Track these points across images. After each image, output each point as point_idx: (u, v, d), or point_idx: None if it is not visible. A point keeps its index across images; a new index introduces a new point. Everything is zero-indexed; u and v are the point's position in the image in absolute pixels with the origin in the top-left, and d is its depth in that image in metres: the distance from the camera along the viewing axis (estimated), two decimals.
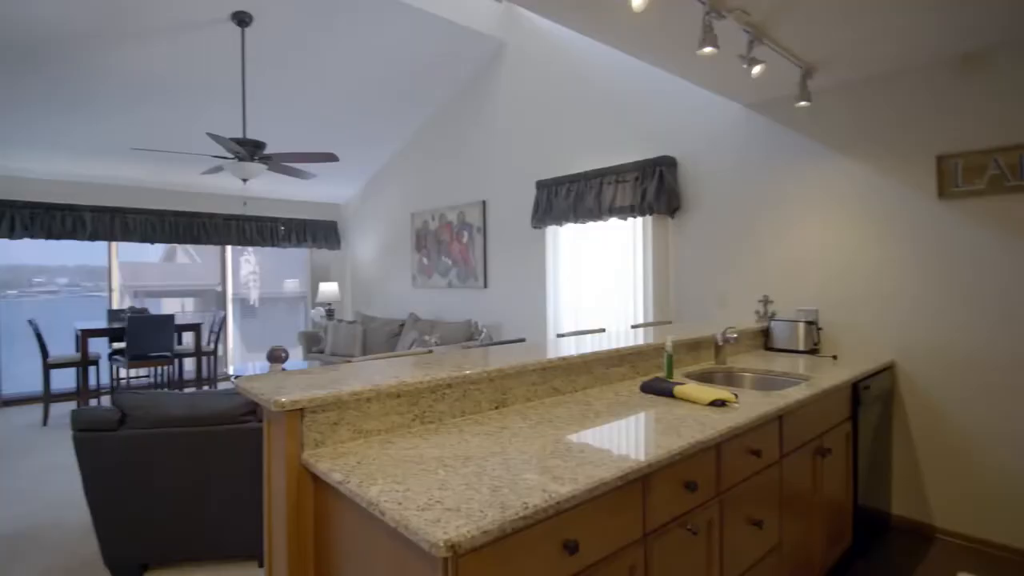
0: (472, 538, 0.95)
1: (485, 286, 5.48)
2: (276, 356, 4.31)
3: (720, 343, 2.72)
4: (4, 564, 2.54)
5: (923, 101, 2.82)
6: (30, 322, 5.18)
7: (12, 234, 5.75)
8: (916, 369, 2.86)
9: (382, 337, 6.06)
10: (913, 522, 2.87)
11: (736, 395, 1.92)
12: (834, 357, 2.91)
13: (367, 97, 5.44)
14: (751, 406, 1.84)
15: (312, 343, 6.56)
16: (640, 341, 2.43)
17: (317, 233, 7.85)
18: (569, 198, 4.40)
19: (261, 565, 2.45)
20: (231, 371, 5.16)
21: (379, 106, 5.68)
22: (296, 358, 6.70)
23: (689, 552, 1.49)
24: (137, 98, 4.76)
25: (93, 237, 6.21)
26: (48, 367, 5.08)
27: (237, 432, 2.33)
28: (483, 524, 0.97)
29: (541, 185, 4.67)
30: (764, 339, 3.24)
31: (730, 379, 2.62)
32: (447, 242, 5.94)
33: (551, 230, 4.71)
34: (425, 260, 6.27)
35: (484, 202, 5.47)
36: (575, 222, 4.38)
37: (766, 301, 3.38)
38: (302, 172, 4.44)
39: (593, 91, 4.39)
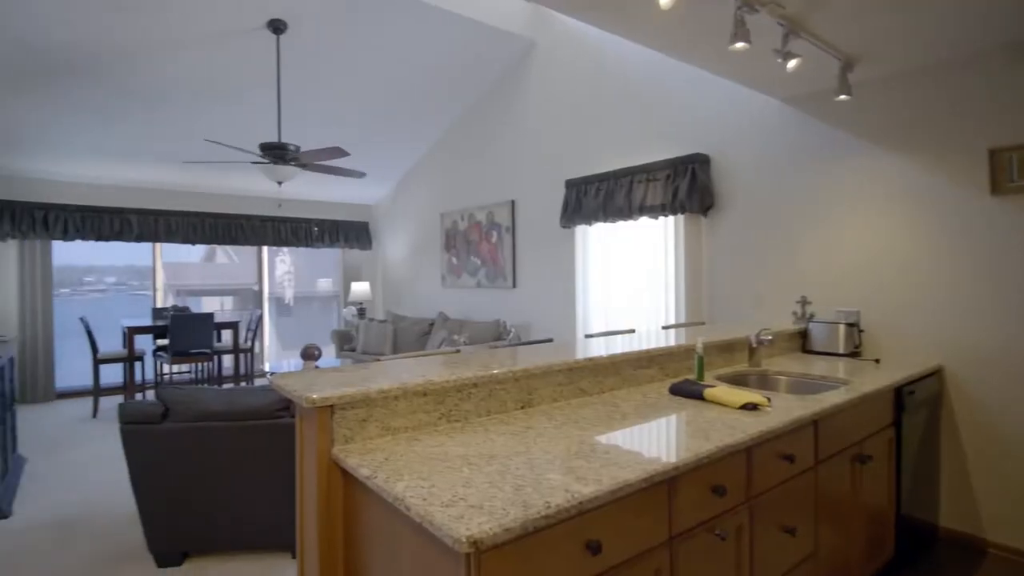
0: (494, 535, 0.97)
1: (514, 286, 5.50)
2: (309, 354, 4.43)
3: (754, 345, 2.67)
4: (56, 549, 2.69)
5: (974, 92, 2.70)
6: (81, 319, 5.47)
7: (65, 236, 6.08)
8: (967, 374, 2.74)
9: (412, 336, 6.16)
10: (963, 535, 2.75)
11: (769, 399, 1.88)
12: (876, 360, 2.82)
13: (397, 99, 5.54)
14: (785, 410, 1.81)
15: (344, 341, 6.71)
16: (671, 342, 2.41)
17: (349, 233, 8.02)
18: (599, 197, 4.38)
19: (294, 556, 2.53)
20: (267, 368, 5.32)
21: (409, 107, 5.76)
22: (329, 356, 6.86)
23: (717, 557, 1.47)
24: (179, 105, 4.96)
25: (139, 238, 6.51)
26: (98, 362, 5.35)
27: (272, 427, 2.41)
28: (505, 522, 0.99)
29: (570, 184, 4.66)
30: (802, 341, 3.16)
31: (764, 382, 2.57)
32: (476, 242, 5.99)
33: (580, 229, 4.70)
34: (454, 260, 6.33)
35: (513, 202, 5.49)
36: (605, 221, 4.36)
37: (804, 302, 3.30)
38: (342, 170, 4.54)
39: (624, 89, 4.36)
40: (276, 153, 4.04)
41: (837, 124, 3.17)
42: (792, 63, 2.55)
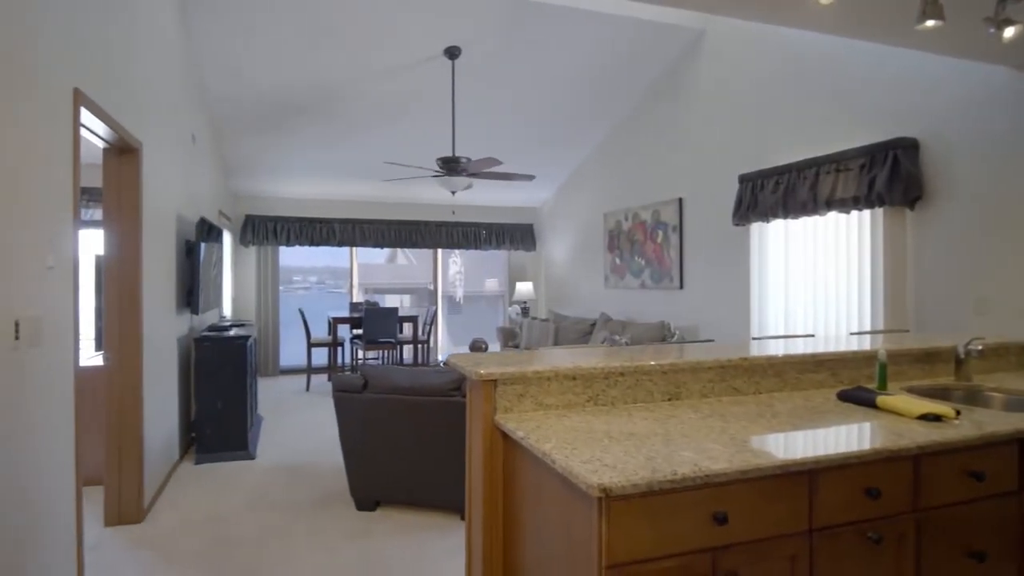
0: (622, 487, 1.19)
1: (680, 287, 5.51)
2: (477, 347, 5.00)
3: (962, 356, 2.43)
4: (287, 486, 3.55)
5: None
6: (300, 311, 6.81)
7: (288, 242, 7.60)
8: None
9: (573, 335, 6.48)
10: None
11: (959, 411, 1.78)
12: None
13: (562, 105, 5.91)
14: (976, 424, 1.70)
15: (509, 338, 7.30)
16: (852, 348, 2.34)
17: (515, 236, 8.66)
18: (777, 192, 4.22)
19: (463, 518, 2.98)
20: (440, 359, 6.10)
21: (572, 112, 6.10)
22: (494, 351, 7.51)
23: (871, 563, 1.49)
24: (371, 128, 5.94)
25: (341, 243, 7.86)
26: (310, 346, 6.62)
27: (446, 404, 2.89)
28: (634, 479, 1.21)
29: (744, 179, 4.56)
30: None
31: (972, 398, 2.33)
32: (640, 242, 6.09)
33: (756, 227, 4.56)
34: (617, 260, 6.51)
35: (680, 199, 5.50)
36: (784, 218, 4.19)
37: None
38: (512, 175, 5.06)
39: (806, 73, 4.15)
40: (451, 166, 4.67)
41: None
42: (1010, 31, 2.30)
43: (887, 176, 3.44)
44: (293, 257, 9.51)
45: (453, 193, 5.05)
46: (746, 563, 1.32)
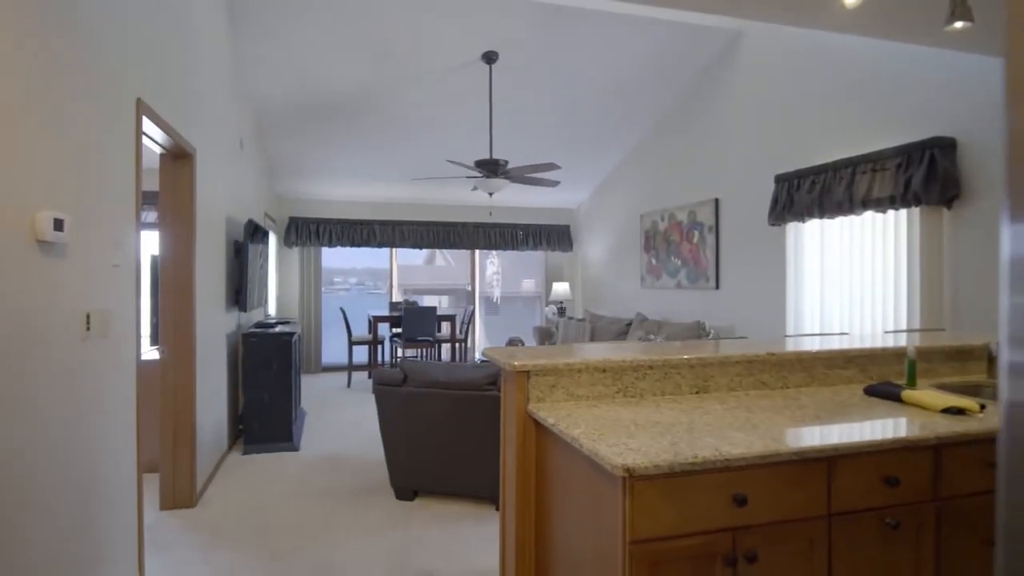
0: (644, 468, 1.27)
1: (717, 287, 5.49)
2: (514, 345, 5.10)
3: (995, 353, 2.42)
4: (329, 475, 3.75)
5: None
6: (341, 309, 7.07)
7: (330, 243, 7.89)
8: None
9: (609, 335, 6.51)
10: None
11: (983, 406, 1.79)
12: None
13: (596, 108, 5.97)
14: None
15: (545, 337, 7.38)
16: (882, 345, 2.35)
17: (551, 237, 8.74)
18: (813, 191, 4.20)
19: (498, 509, 3.09)
20: (477, 357, 6.23)
21: (608, 114, 6.15)
22: None
23: (890, 548, 1.53)
24: (411, 131, 6.13)
25: (381, 244, 8.10)
26: (351, 344, 6.86)
27: (482, 398, 3.01)
28: (656, 461, 1.29)
29: (780, 179, 4.53)
30: None
31: None
32: (676, 242, 6.09)
33: (792, 227, 4.53)
34: (653, 261, 6.51)
35: (716, 200, 5.49)
36: (820, 217, 4.17)
37: None
38: (543, 181, 5.16)
39: (841, 73, 4.11)
40: (489, 168, 4.79)
41: None
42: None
43: (924, 175, 3.40)
44: (334, 259, 9.87)
45: (491, 195, 5.18)
46: (765, 543, 1.38)
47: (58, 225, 1.76)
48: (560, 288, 8.22)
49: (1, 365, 1.50)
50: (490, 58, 4.88)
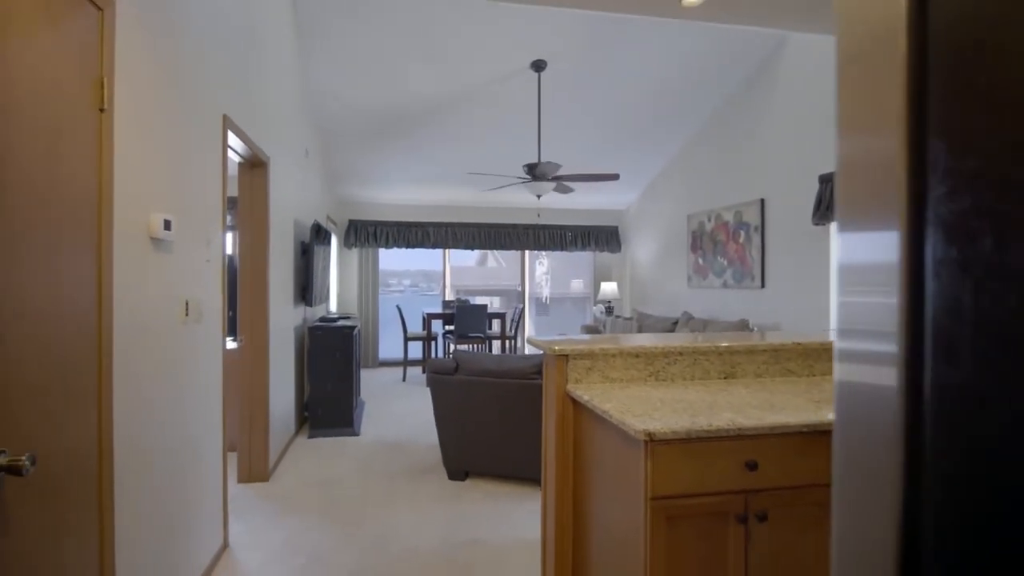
0: (663, 433, 1.45)
1: (762, 286, 5.50)
2: None
3: None
4: (388, 458, 4.06)
5: None
6: (397, 307, 7.45)
7: (387, 244, 8.30)
8: None
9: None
10: None
11: None
12: None
13: (644, 111, 6.08)
14: None
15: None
16: None
17: (600, 238, 8.86)
18: None
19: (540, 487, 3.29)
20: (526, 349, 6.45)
21: (655, 117, 6.25)
22: None
23: None
24: (464, 137, 6.42)
25: (435, 246, 8.45)
26: (407, 340, 7.22)
27: (529, 386, 3.22)
28: (674, 427, 1.47)
29: (824, 179, 4.54)
30: None
31: None
32: (723, 242, 6.12)
33: (835, 226, 4.51)
34: (700, 260, 6.55)
35: (762, 200, 5.50)
36: None
37: None
38: (602, 176, 5.32)
39: None
40: (537, 171, 5.00)
41: None
42: None
43: None
44: (389, 261, 10.34)
45: (539, 197, 5.39)
46: (776, 506, 1.52)
47: (167, 225, 2.09)
48: (608, 288, 8.33)
49: (139, 341, 1.83)
50: (539, 66, 5.09)
